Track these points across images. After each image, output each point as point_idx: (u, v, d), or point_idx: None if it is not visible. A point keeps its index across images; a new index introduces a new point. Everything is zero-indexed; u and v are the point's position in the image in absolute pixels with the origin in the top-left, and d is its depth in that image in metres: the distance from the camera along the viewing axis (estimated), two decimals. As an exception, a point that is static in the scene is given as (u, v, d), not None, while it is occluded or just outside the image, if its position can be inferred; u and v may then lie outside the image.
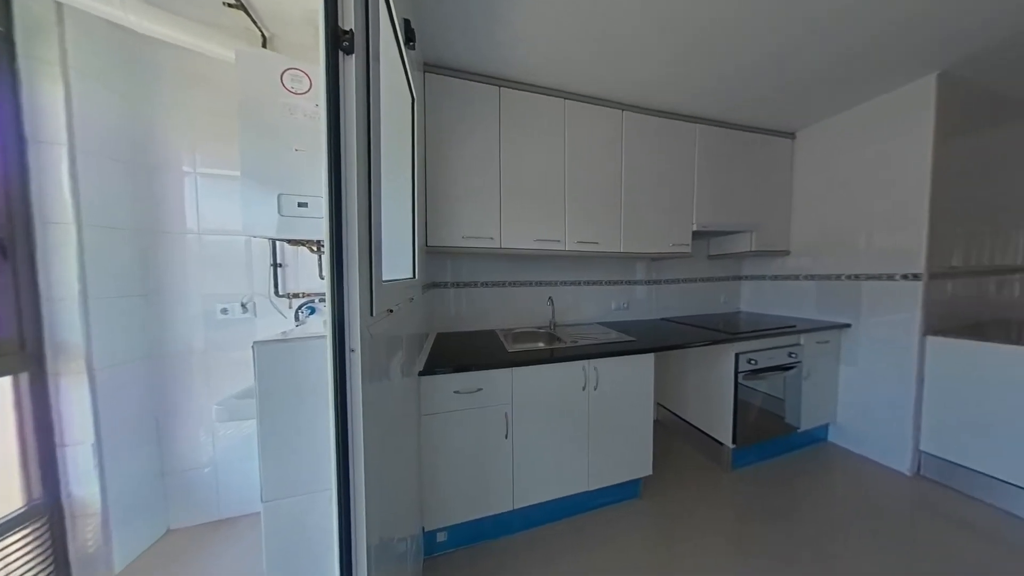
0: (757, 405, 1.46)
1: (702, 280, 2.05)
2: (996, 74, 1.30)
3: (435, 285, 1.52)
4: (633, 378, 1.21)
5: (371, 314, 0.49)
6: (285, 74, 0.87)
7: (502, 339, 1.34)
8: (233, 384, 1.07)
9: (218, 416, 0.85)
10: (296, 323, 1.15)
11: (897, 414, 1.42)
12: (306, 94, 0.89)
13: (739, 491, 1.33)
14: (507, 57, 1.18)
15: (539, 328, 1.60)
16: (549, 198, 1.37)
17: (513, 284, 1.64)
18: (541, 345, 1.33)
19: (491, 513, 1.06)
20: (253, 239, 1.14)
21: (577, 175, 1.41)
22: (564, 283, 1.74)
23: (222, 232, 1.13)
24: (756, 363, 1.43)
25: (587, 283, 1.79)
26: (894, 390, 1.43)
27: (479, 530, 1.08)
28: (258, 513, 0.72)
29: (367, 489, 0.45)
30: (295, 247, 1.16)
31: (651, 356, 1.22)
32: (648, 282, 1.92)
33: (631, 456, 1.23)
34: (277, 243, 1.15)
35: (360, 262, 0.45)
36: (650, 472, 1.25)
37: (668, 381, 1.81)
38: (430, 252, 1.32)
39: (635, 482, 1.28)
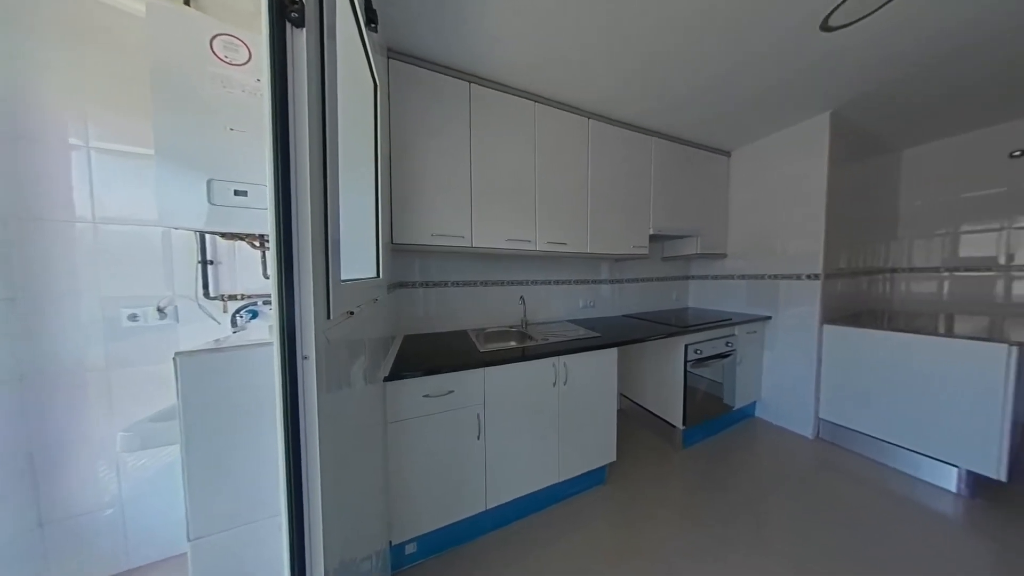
0: (702, 389, 1.64)
1: (657, 279, 2.25)
2: (868, 117, 1.65)
3: (402, 285, 1.44)
4: (599, 372, 1.27)
5: (328, 317, 0.45)
6: (216, 40, 0.75)
7: (474, 339, 1.32)
8: (146, 405, 0.89)
9: (125, 445, 0.69)
10: (233, 329, 0.99)
11: (802, 389, 1.71)
12: (244, 66, 0.77)
13: (688, 467, 1.48)
14: (477, 54, 1.16)
15: (511, 327, 1.60)
16: (520, 199, 1.38)
17: (485, 284, 1.63)
18: (513, 344, 1.34)
19: (464, 517, 1.04)
20: (173, 231, 0.96)
21: (547, 177, 1.45)
22: (535, 282, 1.77)
23: (128, 222, 0.92)
24: (701, 352, 1.61)
25: (556, 282, 1.84)
26: (801, 370, 1.72)
27: (451, 536, 1.05)
28: (183, 555, 0.61)
29: (324, 510, 0.41)
30: (231, 241, 1.00)
31: (615, 350, 1.30)
32: (612, 281, 2.05)
33: (597, 445, 1.30)
34: (207, 236, 0.99)
35: (315, 260, 0.40)
36: (614, 458, 1.33)
37: (629, 372, 1.94)
38: (396, 250, 1.25)
39: (601, 469, 1.35)
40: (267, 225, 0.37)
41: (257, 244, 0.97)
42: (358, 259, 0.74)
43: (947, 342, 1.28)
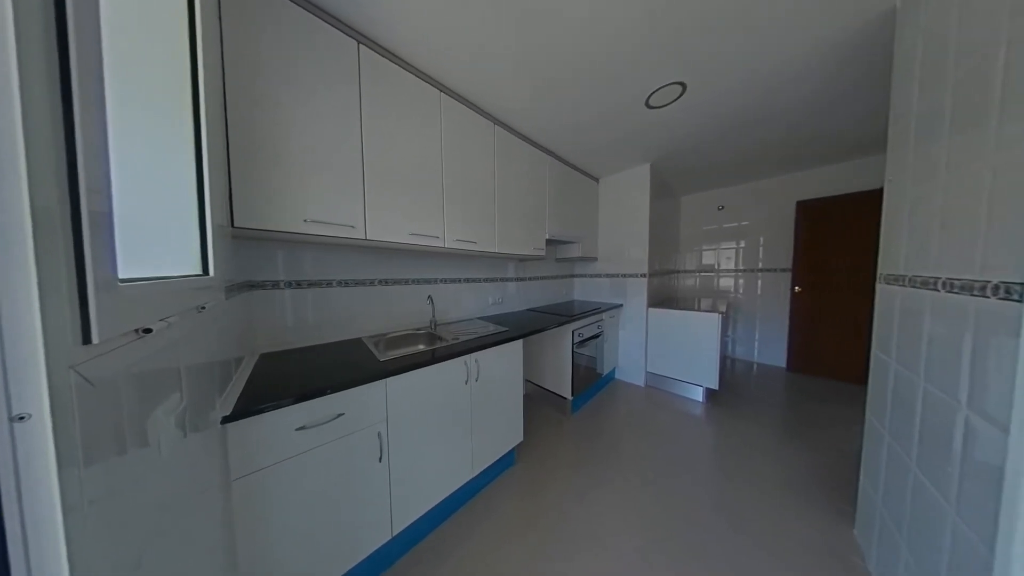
0: (583, 364, 2.05)
1: (552, 277, 2.62)
2: (666, 171, 2.50)
3: (254, 285, 1.05)
4: (508, 363, 1.36)
5: (87, 341, 0.26)
6: None
7: (371, 347, 1.12)
8: None
9: None
10: None
11: (638, 353, 2.43)
12: None
13: (576, 428, 1.81)
14: (373, 17, 0.98)
15: (419, 329, 1.47)
16: (427, 191, 1.27)
17: (385, 283, 1.42)
18: (422, 347, 1.23)
19: (363, 557, 0.87)
20: None
21: (456, 174, 1.40)
22: (445, 281, 1.69)
23: None
24: (583, 335, 2.00)
25: (467, 280, 1.83)
26: (638, 340, 2.44)
27: (346, 587, 0.86)
28: None
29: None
30: None
31: (521, 342, 1.42)
32: (518, 279, 2.23)
33: (508, 430, 1.38)
34: None
35: (43, 245, 0.22)
36: (522, 438, 1.46)
37: (531, 358, 2.18)
38: (243, 238, 0.89)
39: (511, 452, 1.45)
40: None
41: None
42: (162, 247, 0.48)
43: (695, 314, 2.14)
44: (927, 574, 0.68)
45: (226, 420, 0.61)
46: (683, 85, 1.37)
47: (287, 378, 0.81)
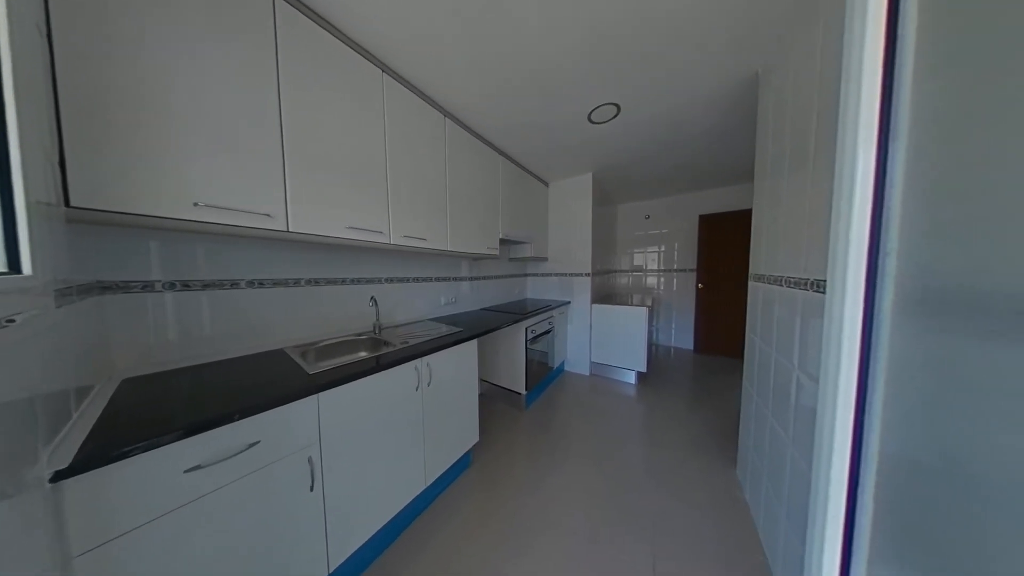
0: (536, 360, 2.14)
1: (506, 276, 2.66)
2: (606, 181, 2.80)
3: (109, 287, 0.79)
4: (462, 364, 1.32)
5: None
6: None
7: (298, 359, 0.96)
8: None
9: None
10: None
11: (584, 346, 2.66)
12: None
13: (530, 421, 1.88)
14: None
15: (360, 335, 1.32)
16: (368, 181, 1.14)
17: (316, 283, 1.23)
18: (364, 354, 1.10)
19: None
20: None
21: (403, 164, 1.29)
22: (391, 280, 1.56)
23: None
24: (535, 332, 2.09)
25: (416, 280, 1.72)
26: (584, 334, 2.66)
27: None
28: None
29: None
30: None
31: (475, 342, 1.40)
32: (472, 278, 2.19)
33: (463, 432, 1.35)
34: None
35: None
36: (477, 439, 1.45)
37: (486, 358, 2.18)
38: (88, 222, 0.66)
39: (467, 454, 1.43)
40: None
41: None
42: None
43: (629, 308, 2.44)
44: (778, 494, 0.93)
45: (60, 476, 0.44)
46: (618, 106, 1.54)
47: (166, 407, 0.63)
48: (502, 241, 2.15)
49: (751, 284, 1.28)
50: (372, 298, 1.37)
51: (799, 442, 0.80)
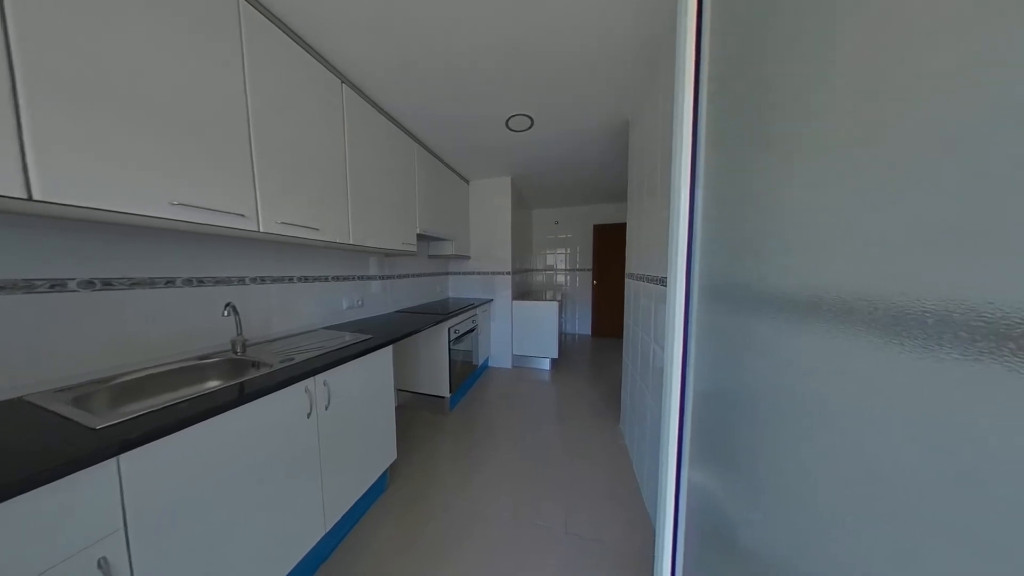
0: (459, 360, 2.10)
1: (426, 275, 2.48)
2: (523, 186, 3.02)
3: None
4: (373, 376, 1.15)
5: None
6: None
7: (64, 410, 0.60)
8: None
9: None
10: None
11: (506, 341, 2.80)
12: None
13: (455, 423, 1.83)
14: None
15: (205, 358, 0.94)
16: (215, 142, 0.81)
17: (108, 284, 0.80)
18: (215, 384, 0.79)
19: None
20: None
21: (275, 128, 0.97)
22: (263, 280, 1.18)
23: None
24: (459, 332, 2.04)
25: (303, 279, 1.37)
26: (506, 329, 2.80)
27: None
28: None
29: None
30: None
31: (390, 349, 1.25)
32: (383, 277, 1.93)
33: (376, 454, 1.18)
34: None
35: None
36: (395, 457, 1.30)
37: (405, 365, 1.98)
38: None
39: (383, 476, 1.26)
40: None
41: None
42: None
43: (543, 303, 2.77)
44: (643, 434, 1.26)
45: None
46: (531, 119, 1.68)
47: None
48: (420, 237, 1.98)
49: (627, 281, 1.67)
50: (229, 305, 0.99)
51: (654, 392, 1.12)
